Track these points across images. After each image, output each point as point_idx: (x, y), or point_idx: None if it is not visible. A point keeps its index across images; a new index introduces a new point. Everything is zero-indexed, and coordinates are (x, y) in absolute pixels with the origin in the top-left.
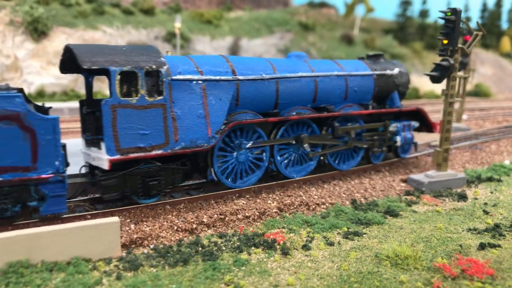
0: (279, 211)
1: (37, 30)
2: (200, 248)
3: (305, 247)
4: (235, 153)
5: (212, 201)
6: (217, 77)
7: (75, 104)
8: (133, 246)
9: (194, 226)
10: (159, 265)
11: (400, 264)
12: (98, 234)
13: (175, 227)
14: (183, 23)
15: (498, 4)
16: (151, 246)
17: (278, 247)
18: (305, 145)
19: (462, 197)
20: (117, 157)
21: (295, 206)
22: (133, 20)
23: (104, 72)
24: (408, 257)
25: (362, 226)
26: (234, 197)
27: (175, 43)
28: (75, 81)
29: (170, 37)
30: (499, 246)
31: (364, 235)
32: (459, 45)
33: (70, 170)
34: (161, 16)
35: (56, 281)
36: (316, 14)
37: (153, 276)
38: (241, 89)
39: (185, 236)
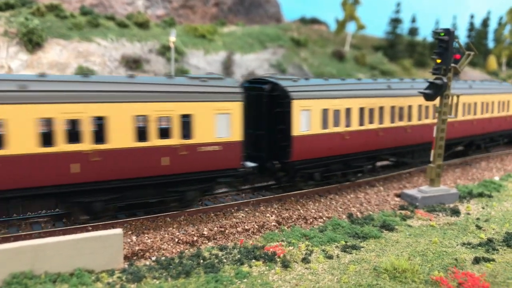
0: (277, 225)
1: (31, 41)
2: (201, 260)
3: (305, 260)
4: None
5: (212, 214)
6: None
7: None
8: (135, 258)
9: (195, 238)
10: (162, 277)
11: (399, 277)
12: (101, 246)
13: (176, 239)
14: (177, 37)
15: (485, 24)
16: (153, 258)
17: (278, 260)
18: None
19: (455, 212)
20: None
21: (293, 220)
22: (127, 33)
23: None
24: (406, 270)
25: (359, 240)
26: (233, 210)
27: (169, 57)
28: None
29: (164, 50)
30: (493, 260)
31: (362, 249)
32: (452, 64)
33: None
34: (156, 29)
35: None
36: (307, 30)
37: None
38: None
39: (186, 249)
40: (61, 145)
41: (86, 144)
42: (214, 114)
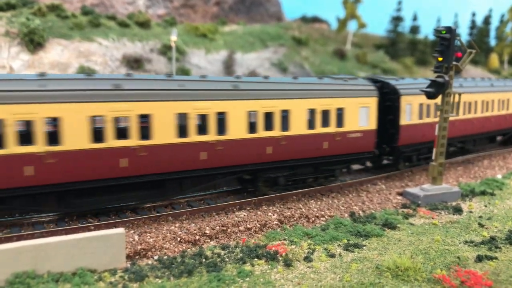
0: (279, 223)
1: (33, 42)
2: (203, 259)
3: (307, 259)
4: None
5: (214, 213)
6: None
7: None
8: (137, 257)
9: (197, 237)
10: (164, 276)
11: (401, 276)
12: (103, 245)
13: (178, 239)
14: (178, 37)
15: (486, 21)
16: (155, 257)
17: (280, 258)
18: None
19: (458, 210)
20: None
21: (295, 218)
22: (128, 33)
23: None
24: (408, 269)
25: (361, 238)
26: (235, 209)
27: (171, 56)
28: None
29: (165, 50)
30: (495, 258)
31: (364, 247)
32: (453, 62)
33: None
34: (157, 29)
35: None
36: (309, 29)
37: (158, 287)
38: None
39: (188, 248)
40: (261, 132)
41: (276, 131)
42: (358, 107)
